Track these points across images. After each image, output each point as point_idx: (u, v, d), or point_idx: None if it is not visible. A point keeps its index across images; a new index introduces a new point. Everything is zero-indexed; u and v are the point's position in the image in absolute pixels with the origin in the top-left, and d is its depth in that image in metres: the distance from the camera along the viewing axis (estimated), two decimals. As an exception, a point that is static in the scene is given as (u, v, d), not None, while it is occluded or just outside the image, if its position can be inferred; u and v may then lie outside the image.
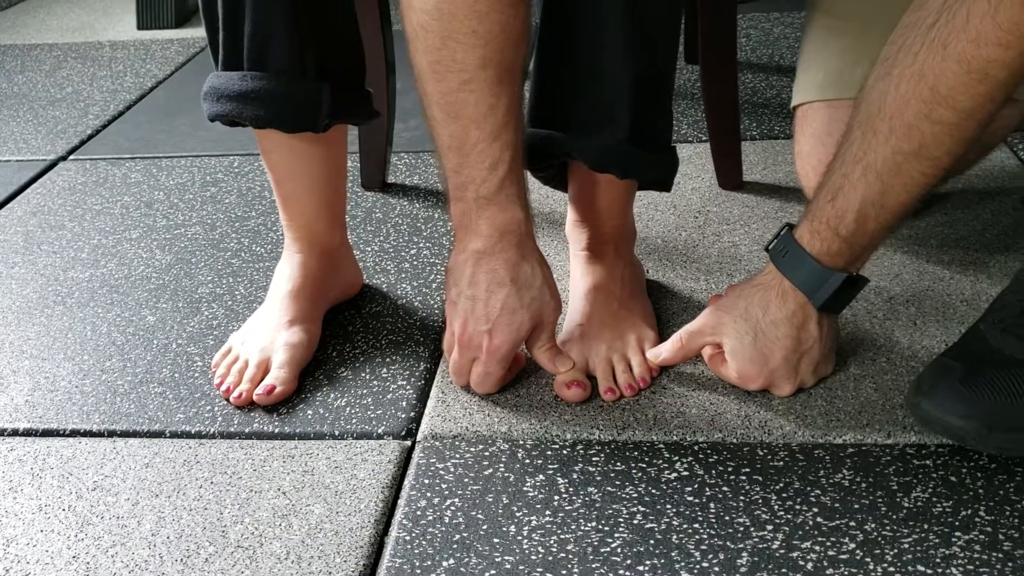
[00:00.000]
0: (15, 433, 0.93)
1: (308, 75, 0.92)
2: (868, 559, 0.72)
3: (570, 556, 0.74)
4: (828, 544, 0.73)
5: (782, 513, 0.77)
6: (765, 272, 0.88)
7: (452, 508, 0.80)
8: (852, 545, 0.73)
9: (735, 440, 0.85)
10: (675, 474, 0.81)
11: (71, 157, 1.58)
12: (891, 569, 0.71)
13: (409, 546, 0.76)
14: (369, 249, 1.21)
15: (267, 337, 0.96)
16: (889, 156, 0.76)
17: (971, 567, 0.70)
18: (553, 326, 0.90)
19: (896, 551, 0.72)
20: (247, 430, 0.90)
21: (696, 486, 0.80)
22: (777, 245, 0.87)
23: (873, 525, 0.75)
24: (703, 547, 0.74)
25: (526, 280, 0.86)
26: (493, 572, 0.73)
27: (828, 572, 0.71)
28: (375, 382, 0.96)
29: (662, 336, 0.95)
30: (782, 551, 0.73)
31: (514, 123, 0.82)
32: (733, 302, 0.88)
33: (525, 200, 0.86)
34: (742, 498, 0.78)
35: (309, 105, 0.92)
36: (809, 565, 0.72)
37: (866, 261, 0.86)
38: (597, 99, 0.90)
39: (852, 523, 0.75)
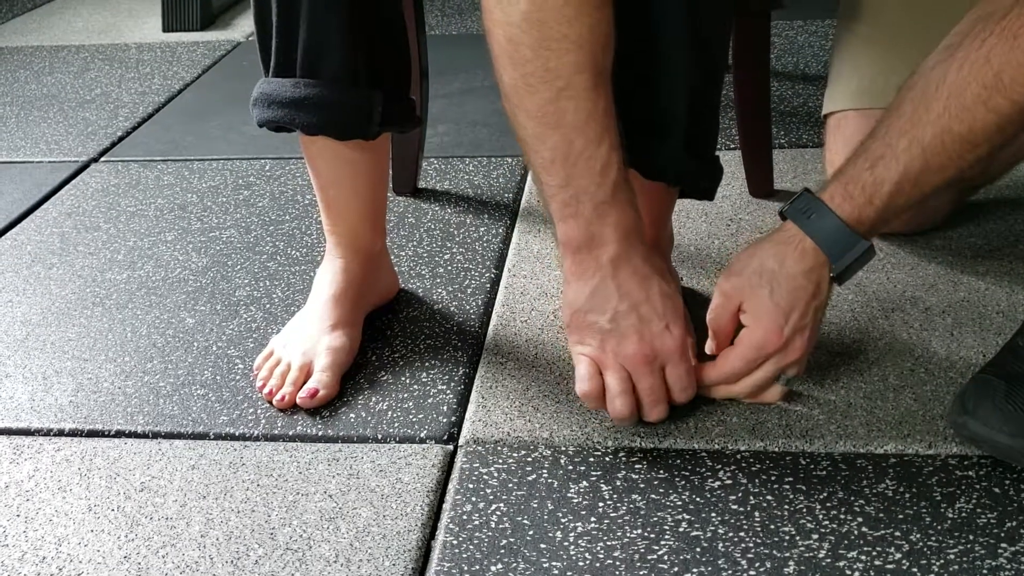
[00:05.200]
0: (61, 433, 0.94)
1: (360, 83, 0.93)
2: (915, 569, 0.72)
3: (617, 563, 0.75)
4: (874, 554, 0.74)
5: (827, 522, 0.77)
6: (781, 230, 0.85)
7: (497, 513, 0.80)
8: (898, 555, 0.74)
9: (777, 449, 0.86)
10: (718, 482, 0.82)
11: (103, 159, 1.59)
12: (938, 579, 0.71)
13: (457, 550, 0.77)
14: (403, 254, 1.22)
15: (309, 341, 0.97)
16: (938, 134, 0.77)
17: (1017, 578, 0.71)
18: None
19: (942, 562, 0.73)
20: (291, 433, 0.91)
21: (740, 495, 0.81)
22: (798, 205, 0.84)
23: (918, 535, 0.75)
24: (749, 555, 0.75)
25: (660, 269, 0.84)
26: (541, 577, 0.74)
27: (875, 582, 0.72)
28: (415, 386, 0.97)
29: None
30: (828, 560, 0.74)
31: (613, 127, 0.81)
32: (745, 262, 0.86)
33: (636, 202, 0.84)
34: (786, 507, 0.79)
35: (361, 113, 0.93)
36: (856, 575, 0.72)
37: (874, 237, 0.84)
38: (653, 105, 0.90)
39: (897, 533, 0.76)
